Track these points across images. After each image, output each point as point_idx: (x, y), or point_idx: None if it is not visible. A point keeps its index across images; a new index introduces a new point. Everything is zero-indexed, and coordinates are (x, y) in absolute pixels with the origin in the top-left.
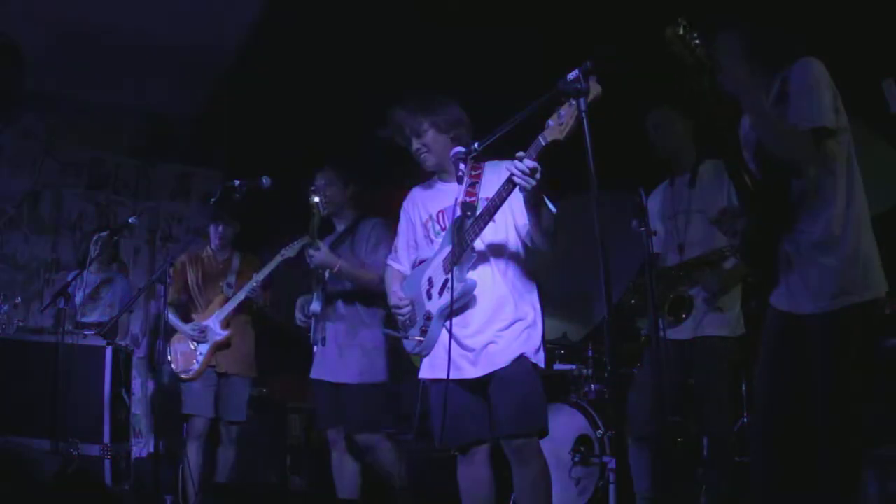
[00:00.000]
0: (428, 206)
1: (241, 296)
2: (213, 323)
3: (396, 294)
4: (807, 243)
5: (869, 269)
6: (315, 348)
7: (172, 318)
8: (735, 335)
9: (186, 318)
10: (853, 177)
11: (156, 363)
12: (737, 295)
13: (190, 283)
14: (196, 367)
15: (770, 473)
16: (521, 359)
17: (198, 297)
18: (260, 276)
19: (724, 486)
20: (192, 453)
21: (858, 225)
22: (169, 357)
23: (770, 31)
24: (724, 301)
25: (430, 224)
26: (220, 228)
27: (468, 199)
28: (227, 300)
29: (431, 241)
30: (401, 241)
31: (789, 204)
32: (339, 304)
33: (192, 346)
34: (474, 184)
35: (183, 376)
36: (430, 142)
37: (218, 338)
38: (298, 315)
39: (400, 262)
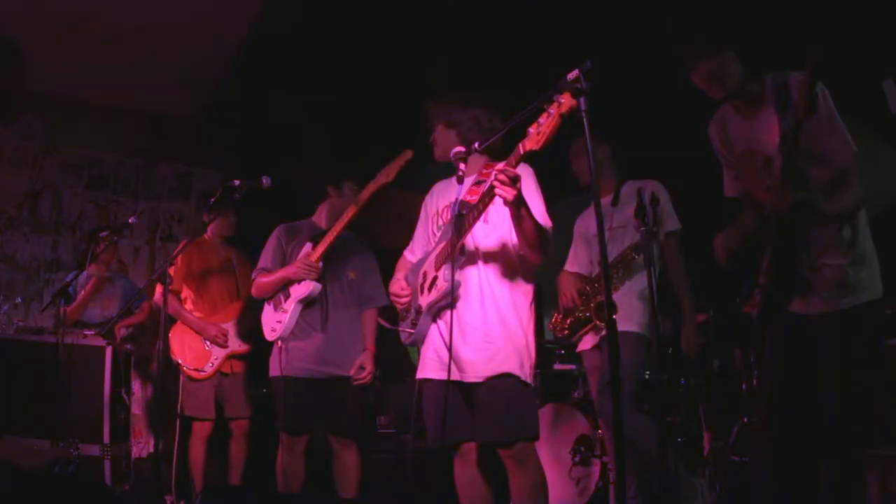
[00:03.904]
0: (440, 201)
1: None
2: (232, 330)
3: (399, 282)
4: (818, 246)
5: (874, 269)
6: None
7: (184, 311)
8: (648, 334)
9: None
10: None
11: (156, 363)
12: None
13: (191, 272)
14: (209, 369)
15: (773, 474)
16: (505, 376)
17: (196, 289)
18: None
19: (662, 485)
20: (197, 455)
21: (864, 226)
22: (174, 351)
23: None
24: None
25: (436, 218)
26: (231, 217)
27: (471, 198)
28: (242, 306)
29: (436, 236)
30: (418, 232)
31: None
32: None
33: (206, 346)
34: (483, 182)
35: (192, 375)
36: (437, 135)
37: (239, 349)
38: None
39: (414, 254)
